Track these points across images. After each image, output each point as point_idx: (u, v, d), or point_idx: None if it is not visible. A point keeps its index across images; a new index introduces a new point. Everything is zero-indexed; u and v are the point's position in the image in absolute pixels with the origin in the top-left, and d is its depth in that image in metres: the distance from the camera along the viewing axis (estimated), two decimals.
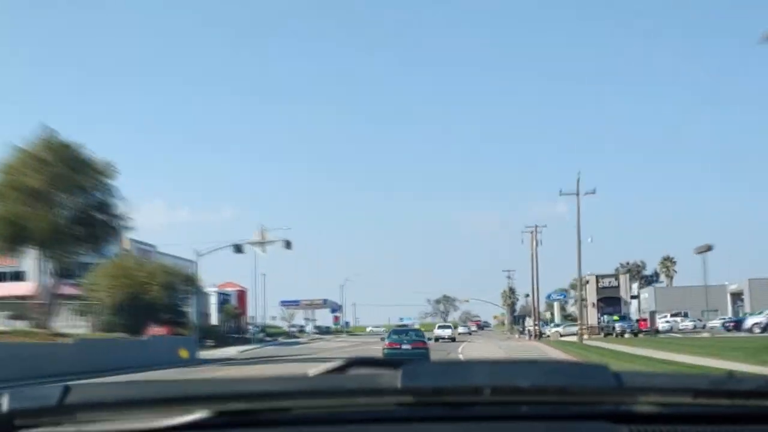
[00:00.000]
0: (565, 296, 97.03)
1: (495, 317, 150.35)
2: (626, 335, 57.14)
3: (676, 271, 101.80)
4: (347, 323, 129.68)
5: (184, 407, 1.40)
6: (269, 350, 51.04)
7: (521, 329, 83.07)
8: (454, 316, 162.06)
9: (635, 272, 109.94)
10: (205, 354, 39.65)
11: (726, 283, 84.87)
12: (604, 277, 71.17)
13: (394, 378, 1.35)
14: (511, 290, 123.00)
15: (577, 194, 51.93)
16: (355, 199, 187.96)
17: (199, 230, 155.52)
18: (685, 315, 73.20)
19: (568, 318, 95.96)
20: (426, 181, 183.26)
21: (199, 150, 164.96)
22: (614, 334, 58.80)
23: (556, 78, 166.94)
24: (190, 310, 41.91)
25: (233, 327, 70.65)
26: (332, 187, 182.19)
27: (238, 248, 47.04)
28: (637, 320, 64.95)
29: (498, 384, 1.36)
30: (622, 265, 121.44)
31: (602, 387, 1.37)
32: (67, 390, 1.35)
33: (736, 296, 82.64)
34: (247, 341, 62.52)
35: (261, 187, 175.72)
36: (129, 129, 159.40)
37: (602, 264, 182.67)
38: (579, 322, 59.08)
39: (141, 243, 54.82)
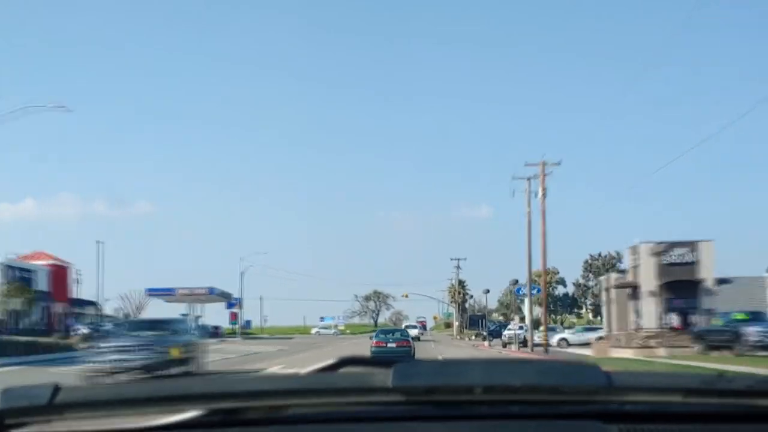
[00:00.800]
0: (539, 290, 75.17)
1: (435, 317, 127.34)
2: None
3: None
4: (248, 322, 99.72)
5: (177, 406, 1.40)
6: None
7: (486, 334, 60.49)
8: (385, 316, 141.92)
9: (609, 265, 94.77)
10: None
11: (766, 274, 56.59)
12: (674, 246, 38.99)
13: (385, 377, 1.35)
14: (461, 284, 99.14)
15: None
16: (266, 174, 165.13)
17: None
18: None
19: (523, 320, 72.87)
20: (347, 172, 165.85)
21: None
22: (737, 349, 27.21)
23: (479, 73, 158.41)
24: None
25: (40, 322, 41.58)
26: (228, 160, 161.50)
27: None
28: None
29: (490, 383, 1.36)
30: (592, 257, 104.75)
31: (593, 386, 1.37)
32: (57, 389, 1.35)
33: None
34: (29, 349, 33.28)
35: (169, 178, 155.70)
36: None
37: (563, 259, 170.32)
38: (605, 324, 42.43)
39: None
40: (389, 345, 29.54)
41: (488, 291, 78.61)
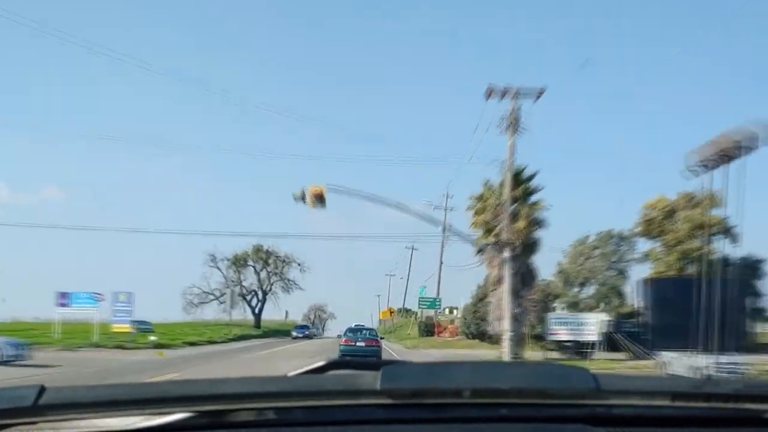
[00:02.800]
0: None
1: (387, 313, 79.44)
2: None
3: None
4: None
5: (163, 408, 1.40)
6: None
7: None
8: (290, 308, 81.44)
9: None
10: None
11: None
12: None
13: (373, 379, 1.35)
14: (518, 177, 29.12)
15: None
16: None
17: None
18: None
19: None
20: None
21: None
22: None
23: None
24: None
25: None
26: None
27: None
28: None
29: (478, 386, 1.36)
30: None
31: (581, 389, 1.38)
32: (42, 390, 1.34)
33: None
34: None
35: None
36: None
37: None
38: None
39: None
40: (358, 344, 30.00)
41: None
